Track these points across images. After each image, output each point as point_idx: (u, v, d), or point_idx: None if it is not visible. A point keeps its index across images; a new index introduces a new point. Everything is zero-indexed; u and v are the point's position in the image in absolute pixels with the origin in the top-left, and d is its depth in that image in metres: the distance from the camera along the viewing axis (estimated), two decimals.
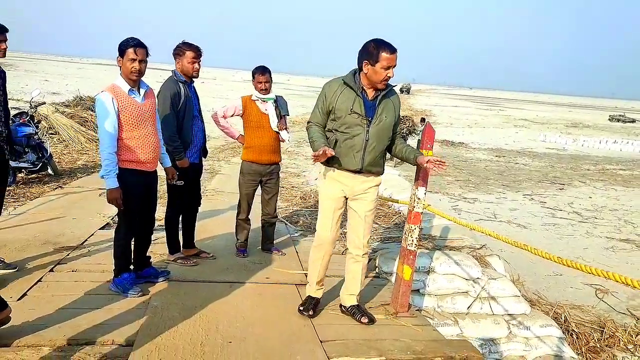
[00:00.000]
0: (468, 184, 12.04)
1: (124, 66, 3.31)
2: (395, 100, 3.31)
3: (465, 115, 37.87)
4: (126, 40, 3.31)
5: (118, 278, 3.54)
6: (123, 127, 3.31)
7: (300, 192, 7.80)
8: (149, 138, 3.45)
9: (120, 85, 3.34)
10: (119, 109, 3.28)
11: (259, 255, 4.60)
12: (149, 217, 3.71)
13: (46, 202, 6.08)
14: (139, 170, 3.43)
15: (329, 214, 3.31)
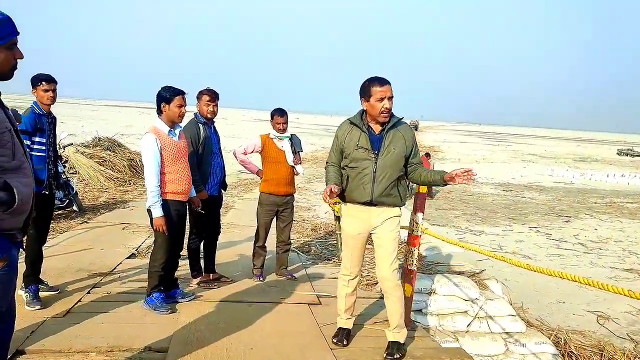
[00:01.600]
0: (475, 217, 12.32)
1: (171, 111, 3.86)
2: (405, 131, 3.41)
3: (474, 150, 38.29)
4: (173, 89, 3.87)
5: (150, 297, 3.97)
6: (164, 163, 3.82)
7: (310, 224, 8.20)
8: (184, 172, 3.96)
9: (161, 127, 3.88)
10: (161, 148, 3.81)
11: (274, 279, 5.02)
12: (179, 243, 4.15)
13: (74, 235, 6.54)
14: (177, 201, 3.93)
15: (348, 250, 3.53)
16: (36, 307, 3.87)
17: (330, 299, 4.53)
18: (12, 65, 2.05)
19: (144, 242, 6.31)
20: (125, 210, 8.61)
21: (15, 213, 2.02)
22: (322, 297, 4.54)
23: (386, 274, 3.36)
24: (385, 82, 3.28)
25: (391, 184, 3.35)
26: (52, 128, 4.11)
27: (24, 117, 3.92)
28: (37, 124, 3.97)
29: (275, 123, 4.89)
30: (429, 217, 11.43)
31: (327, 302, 4.43)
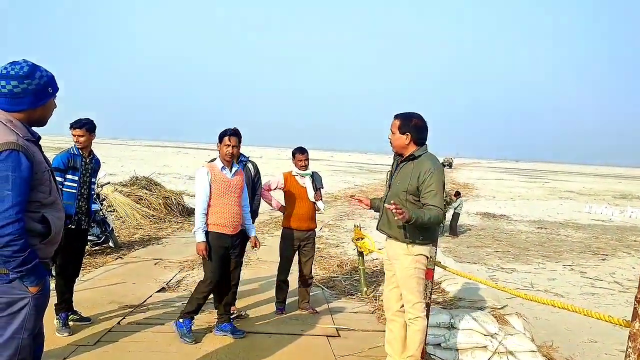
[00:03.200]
0: (507, 255, 12.13)
1: (221, 150, 4.23)
2: (416, 167, 3.37)
3: (509, 188, 37.68)
4: (224, 130, 4.25)
5: (180, 321, 4.18)
6: (212, 195, 4.15)
7: (337, 260, 8.29)
8: (232, 207, 4.23)
9: (216, 164, 4.26)
10: (211, 180, 4.15)
11: (295, 312, 5.15)
12: (229, 277, 4.39)
13: (109, 269, 6.83)
14: (219, 233, 4.18)
15: (386, 278, 3.73)
16: (65, 334, 4.16)
17: (349, 332, 4.62)
18: (51, 114, 2.40)
19: (174, 277, 6.54)
20: (158, 246, 8.90)
21: (49, 243, 2.30)
22: (341, 330, 4.63)
23: (406, 307, 3.51)
24: (395, 117, 3.51)
25: (392, 217, 3.36)
26: (88, 168, 4.42)
27: (58, 156, 4.31)
28: (70, 162, 4.31)
29: (296, 161, 5.12)
30: (460, 254, 11.33)
31: (346, 335, 4.52)
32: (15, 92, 2.21)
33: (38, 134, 2.37)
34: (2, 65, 2.24)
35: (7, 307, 2.19)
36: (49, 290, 2.38)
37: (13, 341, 2.21)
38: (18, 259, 2.11)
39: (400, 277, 3.50)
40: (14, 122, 2.23)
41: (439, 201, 3.32)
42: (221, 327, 4.30)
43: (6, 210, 2.08)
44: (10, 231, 2.07)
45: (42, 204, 2.26)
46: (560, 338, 6.35)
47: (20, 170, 2.12)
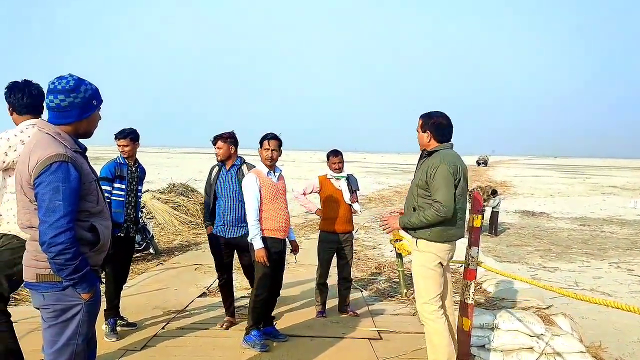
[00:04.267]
0: (549, 254, 11.83)
1: (261, 154, 4.25)
2: (427, 162, 3.46)
3: (548, 184, 36.75)
4: (264, 134, 4.27)
5: (248, 335, 4.18)
6: (263, 201, 4.15)
7: (375, 262, 8.25)
8: (281, 211, 4.26)
9: (261, 169, 4.26)
10: (260, 187, 4.15)
11: (335, 315, 5.14)
12: (278, 279, 4.39)
13: (151, 275, 6.98)
14: (274, 238, 4.20)
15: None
16: (113, 339, 4.27)
17: (391, 334, 4.59)
18: (96, 126, 2.50)
19: (214, 282, 6.63)
20: (197, 252, 9.05)
21: (98, 251, 2.40)
22: (383, 333, 4.60)
23: (417, 306, 3.56)
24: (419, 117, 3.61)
25: (408, 211, 3.53)
26: (134, 176, 4.54)
27: (105, 165, 4.45)
28: (117, 171, 4.44)
29: (331, 163, 5.12)
30: (500, 253, 11.12)
31: (388, 338, 4.49)
32: (62, 105, 2.29)
33: (84, 145, 2.45)
34: (49, 81, 2.33)
35: (61, 314, 2.27)
36: (100, 296, 2.45)
37: (68, 347, 2.29)
38: (70, 266, 2.18)
39: (413, 274, 3.55)
40: (62, 134, 2.31)
41: (441, 196, 3.31)
42: (264, 331, 4.33)
43: (58, 219, 2.14)
44: (63, 240, 2.14)
45: (91, 213, 2.34)
46: (609, 338, 6.15)
47: (70, 181, 2.19)
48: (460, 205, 3.43)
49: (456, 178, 3.37)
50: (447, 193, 3.30)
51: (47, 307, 2.28)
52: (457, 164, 3.42)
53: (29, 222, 2.28)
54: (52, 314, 2.27)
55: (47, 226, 2.14)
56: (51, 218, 2.14)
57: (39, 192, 2.17)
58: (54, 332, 2.29)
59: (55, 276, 2.23)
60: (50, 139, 2.26)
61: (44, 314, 2.30)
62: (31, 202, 2.25)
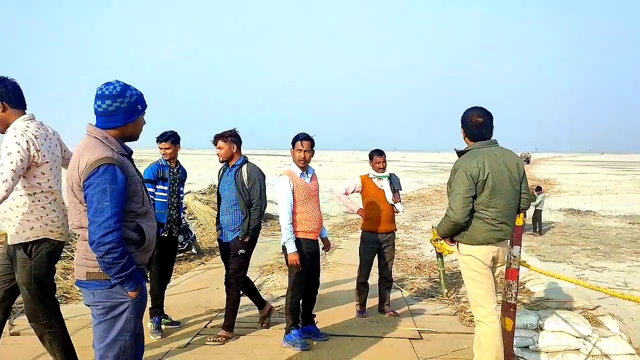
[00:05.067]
0: (596, 253, 11.46)
1: (294, 155, 4.22)
2: (454, 165, 3.40)
3: (594, 182, 35.56)
4: (297, 135, 4.25)
5: (288, 335, 4.22)
6: (296, 203, 4.13)
7: (415, 262, 8.18)
8: (315, 212, 4.25)
9: (294, 170, 4.24)
10: (294, 188, 4.13)
11: (375, 315, 5.14)
12: (314, 278, 4.40)
13: (194, 275, 7.14)
14: (308, 239, 4.19)
15: None
16: (157, 336, 4.40)
17: (432, 334, 4.55)
18: (141, 130, 2.60)
19: (254, 281, 6.70)
20: None
21: (144, 251, 2.49)
22: (423, 333, 4.56)
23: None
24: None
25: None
26: (176, 178, 4.66)
27: (148, 168, 4.56)
28: (160, 173, 4.56)
29: (374, 163, 5.11)
30: (544, 253, 10.85)
31: (429, 338, 4.45)
32: (109, 110, 2.40)
33: (130, 148, 2.55)
34: (97, 87, 2.43)
35: (110, 311, 2.37)
36: (146, 294, 2.55)
37: (117, 342, 2.39)
38: (118, 265, 2.27)
39: (465, 279, 3.50)
40: (109, 138, 2.41)
41: (451, 201, 3.27)
42: (306, 329, 4.36)
43: (106, 220, 2.24)
44: (110, 239, 2.23)
45: (137, 214, 2.44)
46: None
47: (117, 183, 2.29)
48: (496, 204, 3.25)
49: (478, 180, 3.21)
50: (456, 199, 3.22)
51: (97, 304, 2.38)
52: (482, 164, 3.22)
53: (79, 223, 2.39)
54: (101, 310, 2.37)
55: (96, 226, 2.23)
56: (99, 218, 2.23)
57: (88, 194, 2.27)
58: (104, 328, 2.39)
59: (104, 275, 2.33)
60: (98, 143, 2.36)
61: (94, 311, 2.41)
62: (81, 203, 2.35)
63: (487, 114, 3.38)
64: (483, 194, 3.24)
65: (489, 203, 3.25)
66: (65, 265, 6.73)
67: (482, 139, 3.37)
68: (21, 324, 4.63)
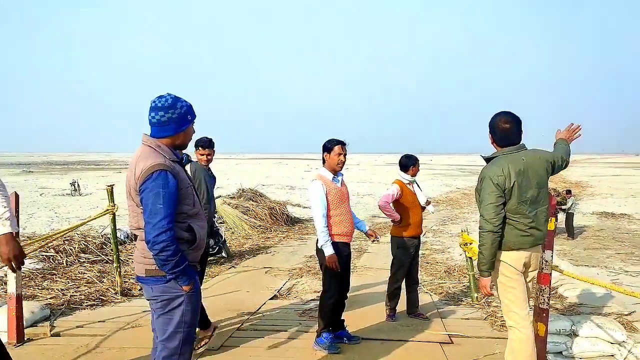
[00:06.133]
0: (631, 257, 11.19)
1: (332, 159, 4.25)
2: (481, 173, 3.40)
3: (629, 184, 34.64)
4: (330, 140, 4.28)
5: (320, 337, 4.26)
6: (330, 207, 4.18)
7: (444, 266, 8.15)
8: (347, 215, 4.29)
9: (325, 175, 4.29)
10: (327, 192, 4.19)
11: (405, 318, 5.14)
12: (346, 282, 4.41)
13: (224, 279, 7.25)
14: (343, 242, 4.23)
15: None
16: None
17: (463, 338, 4.54)
18: (191, 138, 2.81)
19: (284, 285, 6.81)
20: (267, 255, 9.30)
21: (196, 249, 2.70)
22: (454, 337, 4.56)
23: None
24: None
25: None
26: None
27: None
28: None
29: (415, 170, 5.15)
30: (577, 257, 10.65)
31: (459, 342, 4.44)
32: (162, 121, 2.62)
33: (181, 155, 2.80)
34: (151, 100, 2.65)
35: (168, 304, 2.59)
36: (200, 289, 2.75)
37: (177, 334, 2.60)
38: (172, 262, 2.47)
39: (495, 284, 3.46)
40: (162, 146, 2.63)
41: (483, 209, 3.26)
42: (337, 334, 4.38)
43: (160, 221, 2.45)
44: (164, 239, 2.44)
45: (188, 215, 2.64)
46: None
47: (169, 187, 2.50)
48: (524, 211, 3.24)
49: (505, 188, 3.21)
50: (489, 206, 3.22)
51: (156, 297, 2.60)
52: (509, 170, 3.22)
53: (137, 224, 2.61)
54: (159, 304, 2.59)
55: (151, 227, 2.44)
56: (154, 219, 2.44)
57: (143, 197, 2.49)
58: (163, 321, 2.61)
59: (160, 271, 2.54)
60: (152, 151, 2.59)
61: (154, 306, 2.63)
62: (138, 206, 2.57)
63: (515, 119, 3.36)
64: (511, 201, 3.24)
65: (517, 210, 3.24)
66: (100, 268, 6.93)
67: (510, 144, 3.36)
68: (62, 324, 4.82)
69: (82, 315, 5.19)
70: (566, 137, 3.63)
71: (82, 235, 8.04)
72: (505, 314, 3.44)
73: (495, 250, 3.28)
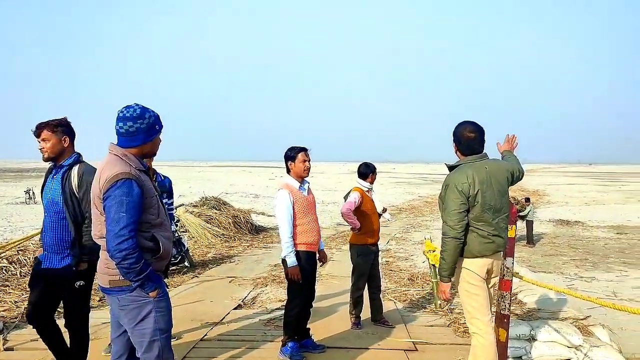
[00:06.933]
0: (585, 263, 11.59)
1: (297, 167, 4.21)
2: (445, 180, 3.43)
3: (583, 192, 35.95)
4: (293, 148, 4.24)
5: (285, 347, 4.22)
6: (296, 216, 4.13)
7: (408, 273, 8.24)
8: (314, 224, 4.26)
9: (292, 183, 4.24)
10: (294, 202, 4.14)
11: (370, 326, 5.17)
12: (311, 292, 4.37)
13: (187, 288, 7.13)
14: (308, 252, 4.19)
15: None
16: None
17: (427, 345, 4.59)
18: (158, 147, 2.83)
19: (249, 294, 6.74)
20: (231, 264, 9.20)
21: (160, 259, 2.67)
22: (418, 344, 4.61)
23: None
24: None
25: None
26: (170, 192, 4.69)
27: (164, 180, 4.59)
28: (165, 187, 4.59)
29: (373, 177, 5.23)
30: (534, 264, 10.95)
31: (424, 349, 4.50)
32: (130, 131, 2.61)
33: (147, 164, 2.76)
34: (118, 110, 2.64)
35: (137, 314, 2.55)
36: (167, 293, 2.71)
37: (154, 344, 2.58)
38: (135, 269, 2.45)
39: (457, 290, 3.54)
40: (129, 155, 2.62)
41: (447, 216, 3.32)
42: (303, 343, 4.37)
43: (122, 229, 2.43)
44: (126, 247, 2.42)
45: (152, 225, 2.62)
46: None
47: (132, 196, 2.49)
48: (487, 219, 3.33)
49: (469, 195, 3.28)
50: (452, 213, 3.28)
51: (123, 308, 2.56)
52: (473, 179, 3.29)
53: (100, 233, 2.58)
54: (129, 314, 2.56)
55: (112, 235, 2.42)
56: (116, 227, 2.42)
57: (107, 205, 2.47)
58: (138, 334, 2.58)
59: (125, 281, 2.52)
60: (118, 160, 2.57)
61: (124, 318, 2.59)
62: (102, 214, 2.54)
63: (479, 129, 3.45)
64: (475, 209, 3.31)
65: (480, 217, 3.32)
66: None
67: (474, 153, 3.45)
68: (15, 338, 4.63)
69: None
70: (509, 148, 3.79)
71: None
72: (468, 321, 3.50)
73: (457, 256, 3.35)
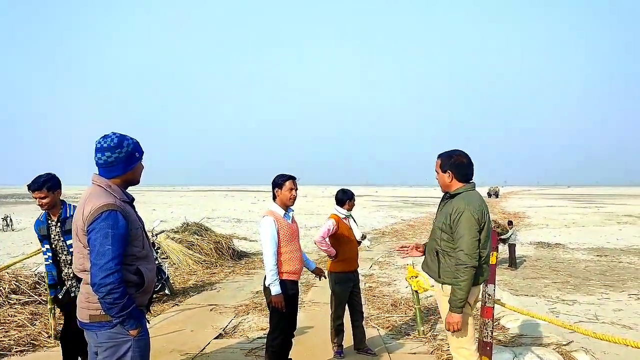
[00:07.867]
0: (566, 286, 11.66)
1: (283, 195, 4.16)
2: (451, 205, 3.35)
3: (562, 215, 36.40)
4: (281, 175, 4.21)
5: None
6: (280, 244, 4.08)
7: (391, 299, 8.19)
8: (297, 252, 4.21)
9: (276, 211, 4.19)
10: (278, 229, 4.09)
11: (353, 355, 5.09)
12: (293, 322, 4.30)
13: (167, 317, 6.98)
14: (291, 280, 4.13)
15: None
16: None
17: None
18: (140, 174, 2.75)
19: (230, 323, 6.63)
20: (212, 291, 9.05)
21: (143, 292, 2.61)
22: None
23: (450, 350, 3.53)
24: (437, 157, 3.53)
25: (431, 254, 3.48)
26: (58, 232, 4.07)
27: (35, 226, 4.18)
28: (42, 232, 4.05)
29: (351, 204, 5.20)
30: (516, 287, 10.98)
31: None
32: (109, 161, 2.56)
33: (132, 196, 2.68)
34: (96, 140, 2.58)
35: (115, 352, 2.47)
36: (148, 333, 2.63)
37: None
38: (119, 305, 2.38)
39: (443, 320, 3.45)
40: (112, 186, 2.57)
41: (465, 244, 3.21)
42: None
43: (107, 262, 2.37)
44: (112, 281, 2.36)
45: (137, 257, 2.57)
46: None
47: (118, 228, 2.43)
48: (487, 247, 3.34)
49: (482, 223, 3.26)
50: (470, 241, 3.19)
51: (101, 344, 2.48)
52: (483, 207, 3.31)
53: (82, 266, 2.50)
54: (107, 352, 2.47)
55: (98, 269, 2.36)
56: (101, 261, 2.36)
57: (91, 238, 2.41)
58: None
59: (106, 316, 2.44)
60: (102, 191, 2.53)
61: (100, 355, 2.50)
62: (85, 247, 2.47)
63: (467, 155, 3.49)
64: (482, 235, 3.29)
65: (484, 244, 3.32)
66: (32, 310, 6.53)
67: (468, 180, 3.46)
68: None
69: None
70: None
71: (13, 275, 7.57)
72: (454, 350, 3.46)
73: (471, 285, 3.25)
